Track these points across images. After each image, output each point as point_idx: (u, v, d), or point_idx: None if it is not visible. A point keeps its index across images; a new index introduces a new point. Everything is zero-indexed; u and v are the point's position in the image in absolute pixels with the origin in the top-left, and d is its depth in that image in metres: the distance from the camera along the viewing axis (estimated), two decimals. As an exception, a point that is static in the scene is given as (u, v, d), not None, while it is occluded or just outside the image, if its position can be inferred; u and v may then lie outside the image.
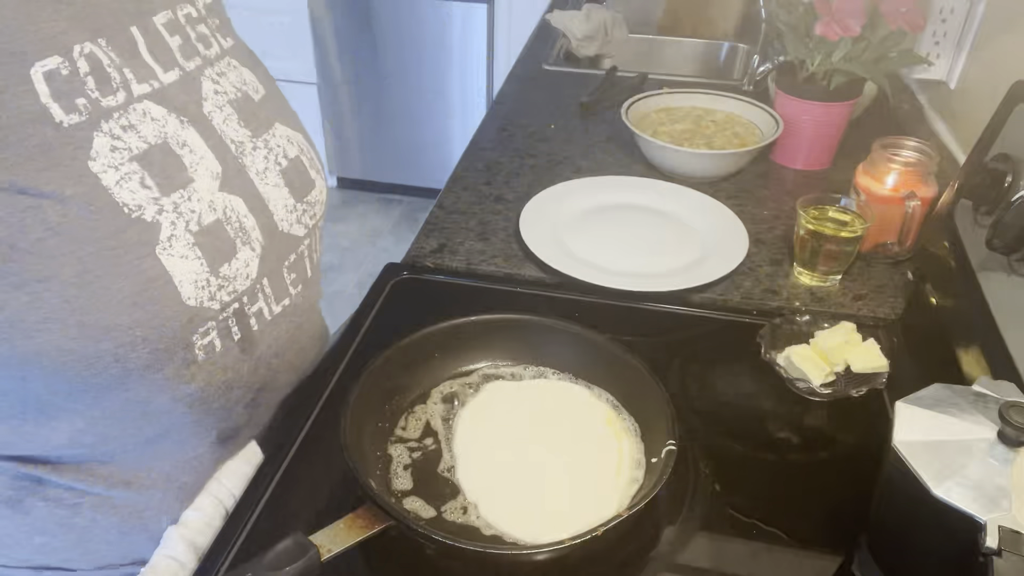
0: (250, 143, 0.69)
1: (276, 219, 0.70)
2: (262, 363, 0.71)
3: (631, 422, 0.74)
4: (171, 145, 0.61)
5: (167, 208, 0.59)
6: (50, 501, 0.68)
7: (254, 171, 0.68)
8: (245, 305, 0.67)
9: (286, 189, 0.71)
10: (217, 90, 0.68)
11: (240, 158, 0.67)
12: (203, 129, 0.65)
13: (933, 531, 0.55)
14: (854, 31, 1.06)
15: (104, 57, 0.58)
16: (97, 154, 0.56)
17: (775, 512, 0.69)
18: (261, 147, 0.70)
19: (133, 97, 0.60)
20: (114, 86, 0.58)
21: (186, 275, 0.60)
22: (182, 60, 0.65)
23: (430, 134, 2.92)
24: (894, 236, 0.97)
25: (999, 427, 0.53)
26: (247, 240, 0.66)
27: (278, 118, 0.74)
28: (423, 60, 2.76)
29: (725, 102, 1.32)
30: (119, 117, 0.58)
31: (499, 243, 1.05)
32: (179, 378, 0.63)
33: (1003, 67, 1.12)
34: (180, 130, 0.63)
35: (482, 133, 1.35)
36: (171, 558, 0.65)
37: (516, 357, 0.80)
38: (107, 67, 0.58)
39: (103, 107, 0.57)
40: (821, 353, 0.80)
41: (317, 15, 2.74)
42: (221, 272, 0.63)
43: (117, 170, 0.57)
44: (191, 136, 0.63)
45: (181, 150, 0.62)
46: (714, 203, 1.11)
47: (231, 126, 0.68)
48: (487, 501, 0.67)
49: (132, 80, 0.60)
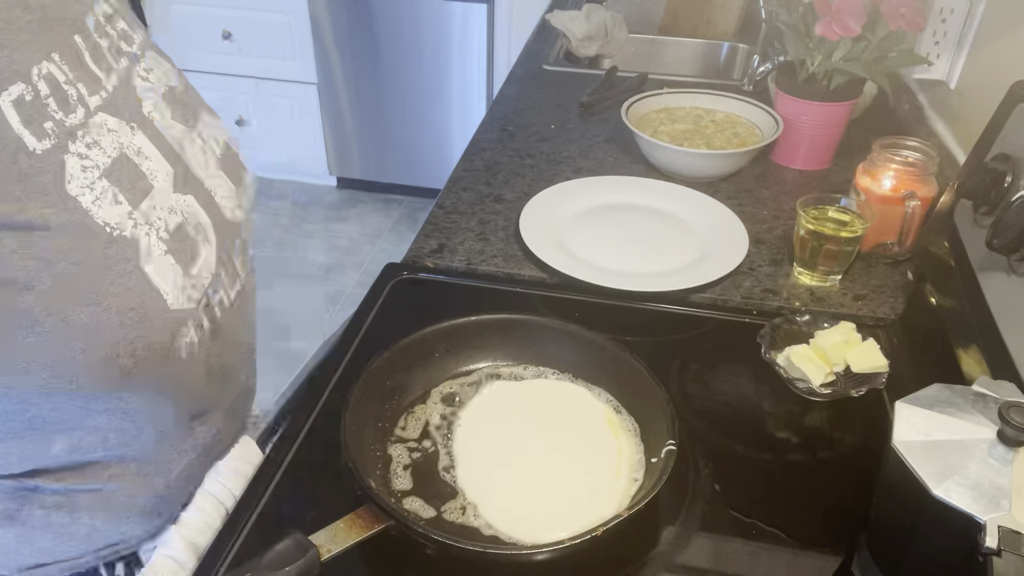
0: (187, 137, 0.69)
1: (222, 208, 0.70)
2: (225, 346, 0.72)
3: (631, 422, 0.74)
4: (128, 155, 0.61)
5: (140, 221, 0.59)
6: (48, 508, 0.68)
7: (196, 165, 0.68)
8: (210, 297, 0.68)
9: (225, 177, 0.72)
10: (148, 87, 0.66)
11: (182, 154, 0.67)
12: (151, 133, 0.64)
13: (933, 531, 0.55)
14: (854, 31, 1.06)
15: (59, 74, 0.57)
16: (71, 176, 0.55)
17: (775, 512, 0.69)
18: (197, 140, 0.70)
19: (90, 111, 0.58)
20: (72, 104, 0.57)
21: (167, 282, 0.61)
22: (113, 62, 0.63)
23: (430, 134, 2.92)
24: (894, 236, 0.97)
25: (999, 427, 0.53)
26: (206, 237, 0.67)
27: (200, 105, 0.73)
28: (423, 60, 2.76)
29: (725, 102, 1.32)
30: (83, 135, 0.57)
31: (499, 243, 1.05)
32: (163, 376, 0.64)
33: (1003, 67, 1.12)
34: (132, 138, 0.62)
35: (482, 133, 1.35)
36: (171, 558, 0.65)
37: (516, 357, 0.80)
38: (64, 84, 0.57)
39: (67, 127, 0.56)
40: (821, 353, 0.80)
41: (317, 15, 2.74)
42: (191, 272, 0.64)
43: (92, 190, 0.56)
44: (142, 142, 0.63)
45: (138, 158, 0.61)
46: (714, 203, 1.11)
47: (167, 123, 0.67)
48: (487, 501, 0.67)
49: (85, 94, 0.59)
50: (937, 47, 1.27)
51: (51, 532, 0.69)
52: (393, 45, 2.75)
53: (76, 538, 0.70)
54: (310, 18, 2.74)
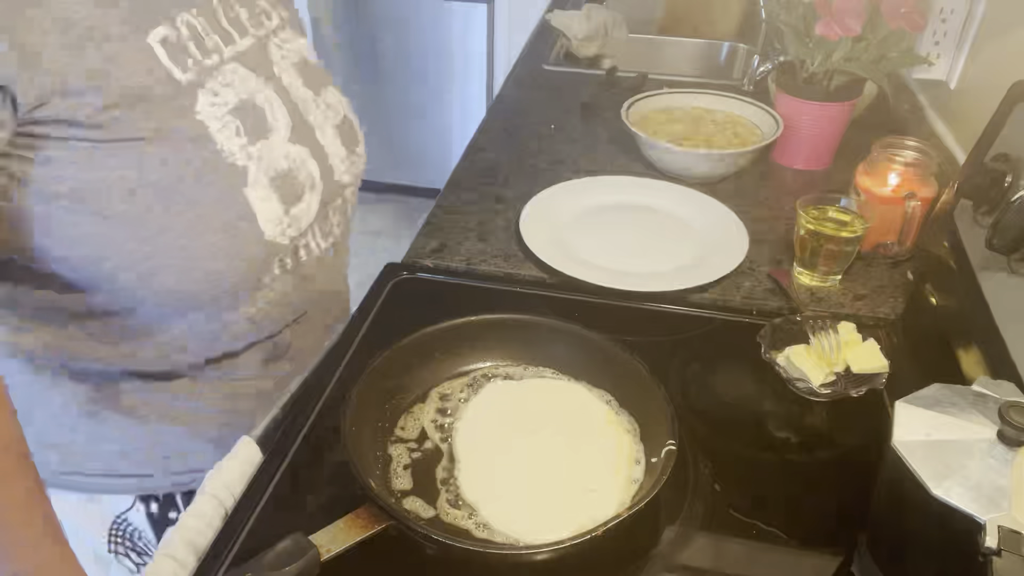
0: (313, 102, 0.80)
1: (332, 167, 0.81)
2: (307, 291, 0.82)
3: (631, 422, 0.74)
4: (256, 101, 0.72)
5: (253, 155, 0.70)
6: (122, 412, 0.77)
7: (316, 126, 0.79)
8: (302, 240, 0.78)
9: (339, 140, 0.82)
10: (283, 55, 0.78)
11: (305, 115, 0.78)
12: (277, 88, 0.75)
13: (933, 531, 0.55)
14: (854, 31, 1.06)
15: (198, 24, 0.68)
16: (201, 108, 0.67)
17: (775, 512, 0.69)
18: (321, 105, 0.81)
19: (224, 59, 0.70)
20: (209, 49, 0.69)
21: (267, 213, 0.71)
22: (252, 28, 0.75)
23: (430, 134, 2.92)
24: (894, 236, 0.97)
25: (999, 427, 0.53)
26: (313, 185, 0.77)
27: (328, 81, 0.85)
28: (423, 60, 2.76)
29: (725, 102, 1.32)
30: (217, 76, 0.69)
31: (499, 243, 1.05)
32: (251, 302, 0.75)
33: (1003, 67, 1.12)
34: (262, 88, 0.73)
35: (482, 133, 1.35)
36: (171, 558, 0.65)
37: (516, 357, 0.80)
38: (201, 33, 0.69)
39: (205, 67, 0.68)
40: (821, 353, 0.80)
41: (317, 15, 2.74)
42: (292, 212, 0.74)
43: (219, 120, 0.68)
44: (269, 93, 0.73)
45: (265, 104, 0.73)
46: (714, 203, 1.11)
47: (296, 86, 0.78)
48: (487, 501, 0.67)
49: (221, 44, 0.70)
50: (937, 47, 1.27)
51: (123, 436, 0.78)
52: (393, 45, 2.75)
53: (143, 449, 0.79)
54: (310, 18, 2.74)
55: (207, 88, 0.67)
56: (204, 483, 0.72)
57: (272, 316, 0.78)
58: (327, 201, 0.80)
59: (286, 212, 0.73)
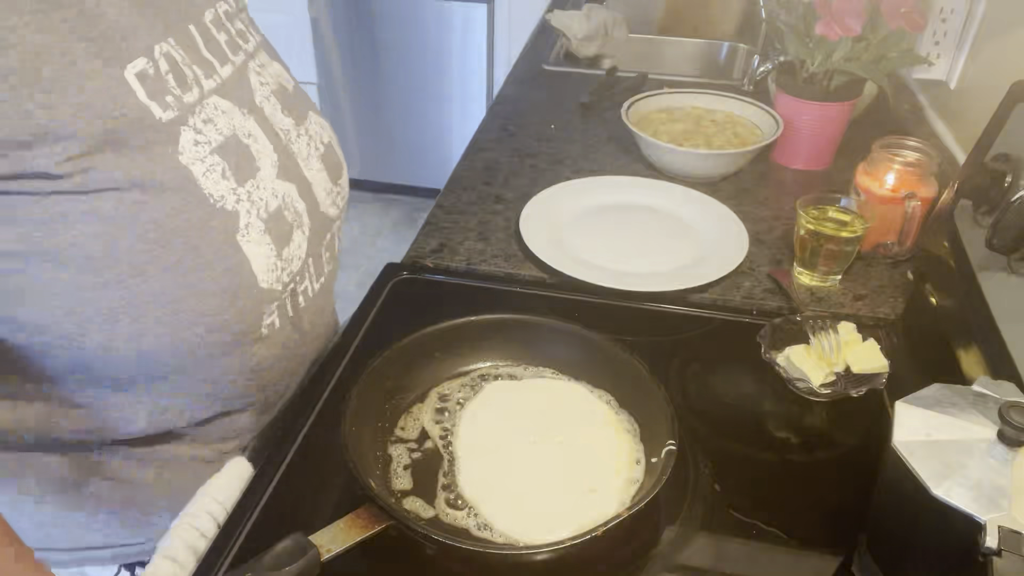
0: (295, 131, 0.73)
1: (319, 202, 0.74)
2: (304, 336, 0.76)
3: (631, 422, 0.74)
4: (239, 136, 0.65)
5: (243, 197, 0.64)
6: (110, 480, 0.71)
7: (300, 158, 0.73)
8: (297, 284, 0.72)
9: (325, 173, 0.76)
10: (261, 82, 0.72)
11: (288, 145, 0.72)
12: (259, 119, 0.69)
13: (933, 531, 0.55)
14: (854, 31, 1.05)
15: (176, 55, 0.61)
16: (184, 148, 0.60)
17: (775, 512, 0.69)
18: (303, 135, 0.75)
19: (204, 92, 0.63)
20: (189, 83, 0.62)
21: (260, 260, 0.65)
22: (231, 55, 0.68)
23: (430, 134, 2.92)
24: (894, 236, 0.97)
25: (999, 427, 0.53)
26: (300, 224, 0.71)
27: (310, 107, 0.79)
28: (423, 60, 2.76)
29: (725, 102, 1.32)
30: (199, 112, 0.62)
31: (499, 243, 1.05)
32: (247, 355, 0.68)
33: (1003, 67, 1.12)
34: (244, 122, 0.66)
35: (482, 133, 1.35)
36: (171, 559, 0.65)
37: (516, 357, 0.80)
38: (181, 65, 0.61)
39: (185, 103, 0.61)
40: (821, 353, 0.80)
41: (317, 15, 2.73)
42: (283, 255, 0.68)
43: (203, 162, 0.61)
44: (253, 127, 0.67)
45: (248, 140, 0.66)
46: (714, 203, 1.11)
47: (278, 116, 0.72)
48: (487, 501, 0.67)
49: (201, 76, 0.63)
50: (937, 47, 1.27)
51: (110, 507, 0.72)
52: (393, 45, 2.75)
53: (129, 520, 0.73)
54: (310, 18, 2.74)
55: (189, 125, 0.61)
56: (201, 489, 0.71)
57: (275, 369, 0.73)
58: (317, 239, 0.74)
59: (279, 256, 0.67)
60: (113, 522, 0.73)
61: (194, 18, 0.65)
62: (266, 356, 0.70)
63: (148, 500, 0.73)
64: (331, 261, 0.80)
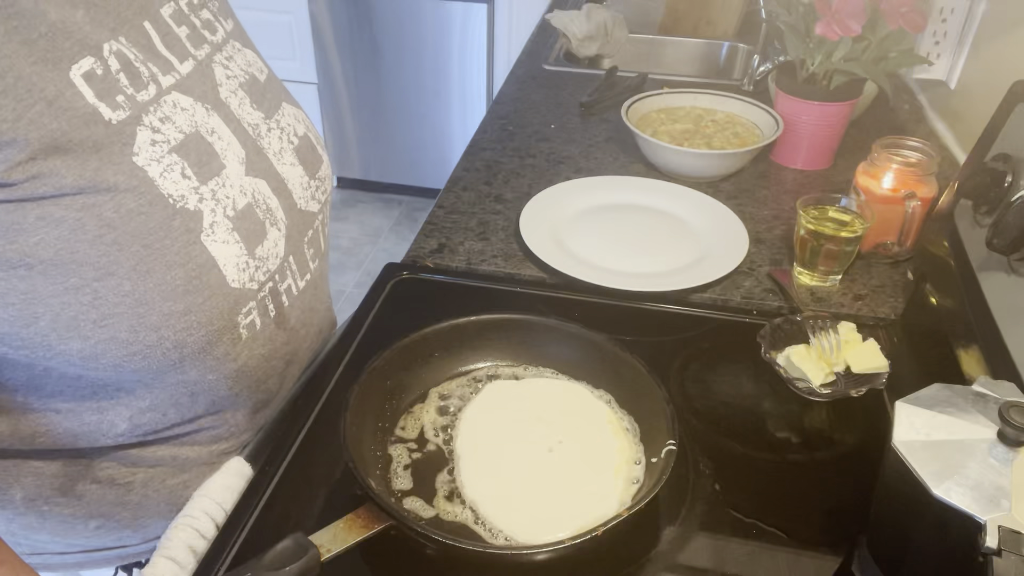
0: (264, 125, 0.71)
1: (295, 198, 0.72)
2: (292, 334, 0.75)
3: (631, 422, 0.74)
4: (202, 133, 0.63)
5: (206, 196, 0.61)
6: (102, 483, 0.70)
7: (271, 152, 0.70)
8: (277, 283, 0.70)
9: (300, 167, 0.74)
10: (228, 75, 0.69)
11: (258, 140, 0.69)
12: (225, 115, 0.66)
13: (933, 531, 0.55)
14: (854, 31, 1.06)
15: (128, 53, 0.59)
16: (140, 148, 0.58)
17: (775, 512, 0.69)
18: (275, 128, 0.72)
19: (162, 89, 0.61)
20: (144, 80, 0.60)
21: (229, 259, 0.63)
22: (193, 49, 0.66)
23: (430, 134, 2.92)
24: (894, 236, 0.97)
25: (999, 427, 0.53)
26: (274, 221, 0.69)
27: (283, 97, 0.76)
28: (423, 60, 2.76)
29: (725, 102, 1.32)
30: (155, 110, 0.60)
31: (499, 243, 1.05)
32: (226, 357, 0.66)
33: (1003, 67, 1.12)
34: (207, 118, 0.64)
35: (482, 133, 1.35)
36: (170, 559, 0.65)
37: (516, 357, 0.80)
38: (134, 63, 0.59)
39: (139, 102, 0.59)
40: (821, 353, 0.80)
41: (317, 15, 2.74)
42: (256, 253, 0.66)
43: (160, 162, 0.59)
44: (216, 123, 0.65)
45: (211, 137, 0.64)
46: (714, 203, 1.11)
47: (246, 110, 0.69)
48: (487, 501, 0.67)
49: (157, 73, 0.61)
50: (937, 47, 1.27)
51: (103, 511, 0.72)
52: (393, 45, 2.75)
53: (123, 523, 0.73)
54: (310, 18, 2.74)
55: (145, 124, 0.58)
56: (193, 501, 0.71)
57: (262, 368, 0.71)
58: (297, 235, 0.72)
59: (251, 254, 0.65)
60: (105, 524, 0.73)
61: (150, 14, 0.63)
62: (250, 357, 0.69)
63: (140, 502, 0.73)
64: (317, 258, 0.78)
